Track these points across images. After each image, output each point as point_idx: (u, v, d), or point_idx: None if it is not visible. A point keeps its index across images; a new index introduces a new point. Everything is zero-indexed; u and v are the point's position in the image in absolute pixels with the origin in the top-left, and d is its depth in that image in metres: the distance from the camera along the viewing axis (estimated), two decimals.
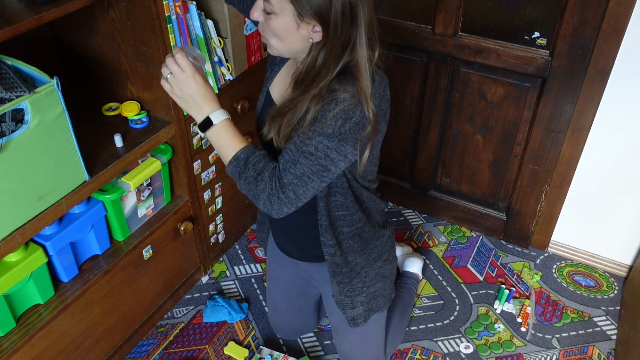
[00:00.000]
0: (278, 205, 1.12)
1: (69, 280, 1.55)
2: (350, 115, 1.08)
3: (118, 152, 1.54)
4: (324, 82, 1.11)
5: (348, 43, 1.10)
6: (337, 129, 1.08)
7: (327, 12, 1.05)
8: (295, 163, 1.10)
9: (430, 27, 1.91)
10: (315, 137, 1.09)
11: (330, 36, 1.08)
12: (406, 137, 2.21)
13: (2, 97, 1.21)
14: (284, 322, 1.82)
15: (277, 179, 1.11)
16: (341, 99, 1.08)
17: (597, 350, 1.83)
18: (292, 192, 1.11)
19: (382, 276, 1.49)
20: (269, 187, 1.11)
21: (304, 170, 1.10)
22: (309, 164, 1.10)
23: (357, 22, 1.08)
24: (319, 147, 1.09)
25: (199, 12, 1.60)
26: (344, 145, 1.10)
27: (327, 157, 1.10)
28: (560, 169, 1.96)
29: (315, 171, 1.11)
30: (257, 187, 1.12)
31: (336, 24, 1.06)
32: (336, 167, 1.13)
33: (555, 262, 2.16)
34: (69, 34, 1.67)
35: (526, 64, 1.81)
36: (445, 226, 2.32)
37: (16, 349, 1.39)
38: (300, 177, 1.10)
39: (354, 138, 1.11)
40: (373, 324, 1.57)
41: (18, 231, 1.30)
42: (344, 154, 1.11)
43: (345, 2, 1.05)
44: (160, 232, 1.77)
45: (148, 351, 1.85)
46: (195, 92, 1.11)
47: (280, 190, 1.11)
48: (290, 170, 1.10)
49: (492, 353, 1.83)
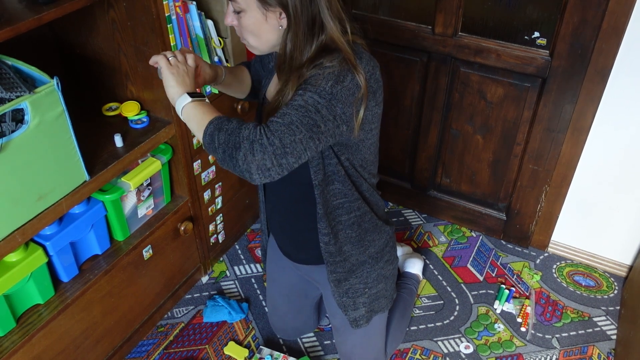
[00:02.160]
0: (260, 154, 1.01)
1: (69, 280, 1.55)
2: (342, 78, 1.09)
3: (118, 152, 1.54)
4: (304, 62, 1.14)
5: (314, 22, 1.12)
6: (329, 88, 1.08)
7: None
8: (284, 115, 1.06)
9: (430, 27, 1.91)
10: (306, 93, 1.08)
11: (292, 18, 1.11)
12: (406, 137, 2.21)
13: (2, 97, 1.21)
14: (284, 323, 1.82)
15: (263, 127, 1.05)
16: (329, 65, 1.10)
17: (597, 350, 1.83)
18: (277, 139, 1.02)
19: (384, 277, 1.50)
20: (252, 134, 1.03)
21: (292, 119, 1.05)
22: (298, 114, 1.05)
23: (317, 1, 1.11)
24: (309, 102, 1.07)
25: (199, 12, 1.60)
26: (335, 104, 1.08)
27: (317, 111, 1.07)
28: (560, 169, 1.96)
29: (304, 123, 1.05)
30: (239, 134, 1.04)
31: (295, 5, 1.09)
32: (325, 126, 1.08)
33: (555, 262, 2.16)
34: (69, 34, 1.67)
35: (526, 64, 1.81)
36: (445, 226, 2.32)
37: (16, 349, 1.39)
38: (289, 125, 1.04)
39: (345, 101, 1.10)
40: (374, 325, 1.58)
41: (18, 231, 1.30)
42: (333, 114, 1.09)
43: None
44: (160, 232, 1.77)
45: (148, 351, 1.85)
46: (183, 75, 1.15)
47: (265, 135, 1.02)
48: (278, 121, 1.05)
49: (492, 353, 1.83)
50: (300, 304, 1.76)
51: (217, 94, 1.78)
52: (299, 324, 1.83)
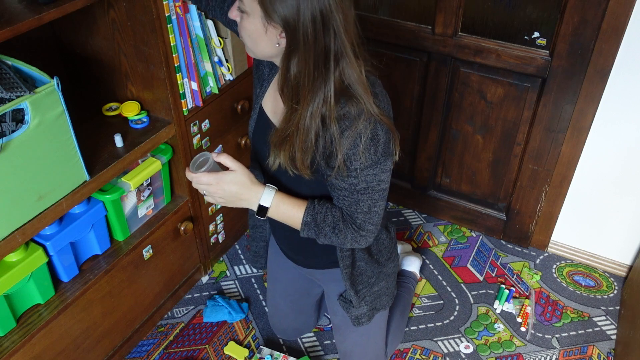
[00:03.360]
0: (364, 241, 1.23)
1: (69, 280, 1.55)
2: (377, 139, 1.11)
3: (118, 152, 1.54)
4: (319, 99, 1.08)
5: (328, 54, 1.05)
6: (373, 157, 1.11)
7: (294, 19, 1.02)
8: (358, 202, 1.17)
9: (430, 27, 1.91)
10: (360, 175, 1.13)
11: (300, 44, 1.04)
12: (406, 137, 2.21)
13: (2, 97, 1.21)
14: (284, 323, 1.82)
15: (351, 223, 1.20)
16: (361, 129, 1.08)
17: (597, 350, 1.84)
18: (369, 225, 1.20)
19: (386, 275, 1.49)
20: (350, 233, 1.21)
21: (368, 204, 1.17)
22: (369, 197, 1.16)
23: (333, 31, 1.03)
24: (368, 180, 1.14)
25: (199, 12, 1.60)
26: (384, 163, 1.14)
27: (379, 182, 1.16)
28: (560, 169, 1.96)
29: (377, 198, 1.18)
30: (339, 238, 1.22)
31: (305, 31, 1.02)
32: (388, 181, 1.19)
33: (555, 262, 2.16)
34: (69, 34, 1.67)
35: (526, 64, 1.81)
36: (445, 226, 2.32)
37: (16, 348, 1.39)
38: (369, 210, 1.18)
39: (388, 152, 1.14)
40: (375, 323, 1.58)
41: (18, 231, 1.30)
42: (388, 169, 1.17)
43: (315, 9, 1.00)
44: (160, 232, 1.77)
45: (148, 351, 1.85)
46: (233, 192, 1.18)
47: (359, 230, 1.20)
48: (357, 210, 1.18)
49: (492, 353, 1.83)
50: (301, 303, 1.76)
51: (217, 94, 1.78)
52: (299, 324, 1.83)
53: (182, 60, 1.60)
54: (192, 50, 1.62)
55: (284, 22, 1.03)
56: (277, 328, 1.86)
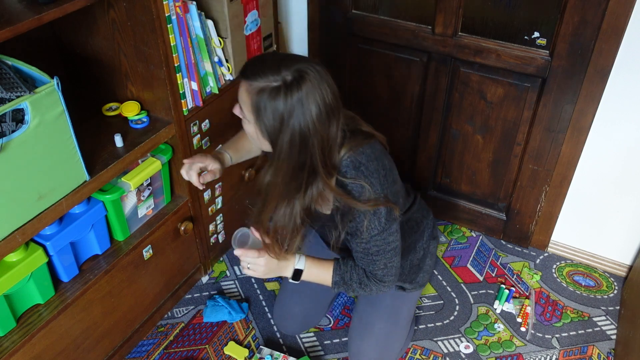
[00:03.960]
0: (387, 289, 1.44)
1: (69, 280, 1.55)
2: (378, 213, 1.28)
3: (118, 152, 1.54)
4: (293, 204, 1.23)
5: (302, 167, 1.19)
6: (378, 227, 1.29)
7: (275, 135, 1.16)
8: (374, 262, 1.37)
9: (430, 27, 1.91)
10: (370, 241, 1.32)
11: (275, 158, 1.19)
12: (406, 137, 2.21)
13: (2, 97, 1.21)
14: (294, 311, 1.79)
15: (373, 278, 1.40)
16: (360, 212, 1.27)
17: (597, 350, 1.84)
18: (389, 277, 1.40)
19: (431, 253, 1.69)
20: (374, 286, 1.41)
21: (384, 262, 1.37)
22: (383, 257, 1.36)
23: (309, 151, 1.17)
24: (378, 244, 1.33)
25: (199, 12, 1.60)
26: (390, 228, 1.32)
27: (388, 243, 1.34)
28: (560, 169, 1.96)
29: (390, 256, 1.37)
30: (365, 291, 1.43)
31: (281, 149, 1.16)
32: (398, 239, 1.37)
33: (555, 262, 2.16)
34: (69, 34, 1.67)
35: (526, 64, 1.81)
36: (445, 226, 2.32)
37: (16, 348, 1.39)
38: (385, 266, 1.38)
39: (391, 218, 1.31)
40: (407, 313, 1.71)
41: (18, 231, 1.30)
42: (395, 231, 1.34)
43: (295, 132, 1.14)
44: (160, 232, 1.77)
45: (148, 351, 1.85)
46: (275, 265, 1.37)
47: (381, 282, 1.41)
48: (375, 267, 1.38)
49: (492, 353, 1.83)
50: (323, 292, 1.77)
51: (217, 94, 1.78)
52: (308, 315, 1.81)
53: (182, 60, 1.60)
54: (192, 50, 1.62)
55: (269, 137, 1.18)
56: (282, 317, 1.82)
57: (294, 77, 1.12)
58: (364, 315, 1.68)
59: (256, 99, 1.14)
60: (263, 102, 1.13)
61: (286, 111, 1.12)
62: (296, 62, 1.14)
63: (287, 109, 1.12)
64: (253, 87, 1.14)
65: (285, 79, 1.12)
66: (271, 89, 1.12)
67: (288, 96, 1.11)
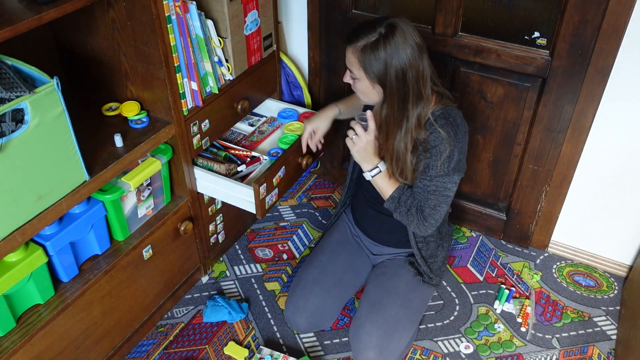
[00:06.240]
0: (424, 229, 1.59)
1: (69, 280, 1.55)
2: (451, 156, 1.48)
3: (118, 152, 1.54)
4: (403, 130, 1.48)
5: (406, 98, 1.43)
6: (446, 169, 1.49)
7: (383, 77, 1.42)
8: (427, 200, 1.54)
9: (430, 27, 1.91)
10: (433, 180, 1.51)
11: (387, 95, 1.45)
12: None
13: (2, 97, 1.21)
14: (307, 306, 1.75)
15: (419, 213, 1.56)
16: (442, 149, 1.47)
17: (597, 350, 1.83)
18: (432, 219, 1.56)
19: (445, 249, 1.83)
20: (416, 219, 1.57)
21: (434, 203, 1.54)
22: (437, 197, 1.53)
23: (409, 82, 1.42)
24: (439, 185, 1.52)
25: (199, 12, 1.60)
26: (453, 176, 1.52)
27: (445, 189, 1.53)
28: (560, 169, 1.96)
29: (442, 201, 1.54)
30: (407, 219, 1.59)
31: (391, 85, 1.42)
32: (453, 191, 1.56)
33: (555, 262, 2.16)
34: (69, 34, 1.67)
35: (526, 64, 1.81)
36: None
37: (16, 348, 1.39)
38: (434, 207, 1.55)
39: (458, 168, 1.52)
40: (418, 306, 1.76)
41: (18, 231, 1.30)
42: (455, 182, 1.54)
43: (398, 69, 1.40)
44: (160, 232, 1.77)
45: (148, 351, 1.85)
46: (371, 149, 1.54)
47: (424, 220, 1.56)
48: (426, 205, 1.55)
49: (492, 353, 1.83)
50: (343, 286, 1.80)
51: (217, 94, 1.78)
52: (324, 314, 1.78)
53: (182, 60, 1.60)
54: (192, 50, 1.62)
55: (379, 80, 1.43)
56: (296, 310, 1.76)
57: (387, 29, 1.39)
58: (376, 299, 1.70)
59: (361, 56, 1.41)
60: (367, 55, 1.40)
61: (388, 56, 1.38)
62: (385, 19, 1.41)
63: (389, 53, 1.38)
64: (357, 47, 1.41)
65: (380, 32, 1.39)
66: (372, 43, 1.39)
67: (387, 44, 1.38)
